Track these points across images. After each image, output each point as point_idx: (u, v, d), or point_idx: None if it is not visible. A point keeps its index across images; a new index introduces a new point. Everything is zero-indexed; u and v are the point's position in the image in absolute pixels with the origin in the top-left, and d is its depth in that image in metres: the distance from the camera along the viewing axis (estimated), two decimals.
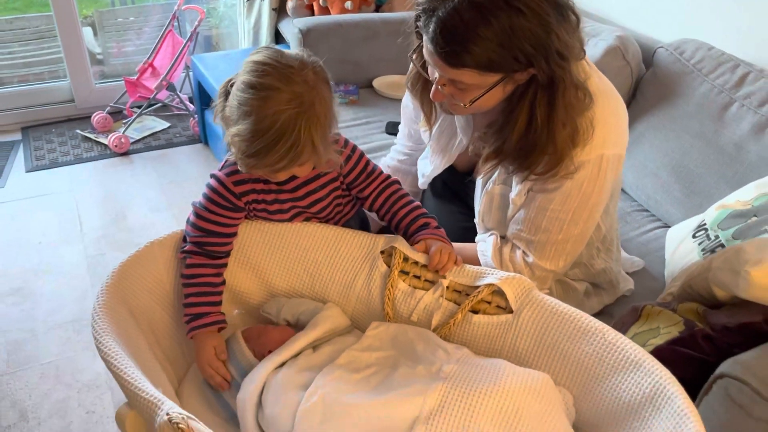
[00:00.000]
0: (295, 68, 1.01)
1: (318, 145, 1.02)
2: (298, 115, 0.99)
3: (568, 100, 1.05)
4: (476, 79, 1.05)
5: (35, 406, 1.72)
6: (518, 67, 1.02)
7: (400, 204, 1.24)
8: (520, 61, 1.01)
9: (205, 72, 2.65)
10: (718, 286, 1.07)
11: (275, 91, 0.99)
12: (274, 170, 1.05)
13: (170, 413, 0.80)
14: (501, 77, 1.05)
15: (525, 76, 1.05)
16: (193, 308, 1.14)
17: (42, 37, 3.40)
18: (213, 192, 1.15)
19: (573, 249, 1.23)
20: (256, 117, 0.99)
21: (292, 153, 1.00)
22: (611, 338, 0.98)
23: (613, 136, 1.13)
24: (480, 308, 1.10)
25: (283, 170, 1.06)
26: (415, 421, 0.91)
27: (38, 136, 3.07)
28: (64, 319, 2.01)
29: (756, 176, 1.47)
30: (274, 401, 1.00)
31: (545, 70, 1.01)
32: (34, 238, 2.39)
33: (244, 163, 1.04)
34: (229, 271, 1.22)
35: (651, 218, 1.74)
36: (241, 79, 1.03)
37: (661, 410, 0.87)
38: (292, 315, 1.19)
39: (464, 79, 1.05)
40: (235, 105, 1.02)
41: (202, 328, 1.13)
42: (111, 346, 0.92)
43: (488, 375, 0.95)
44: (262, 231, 1.22)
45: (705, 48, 1.73)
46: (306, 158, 1.04)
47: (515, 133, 1.10)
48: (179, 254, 1.18)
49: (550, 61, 1.00)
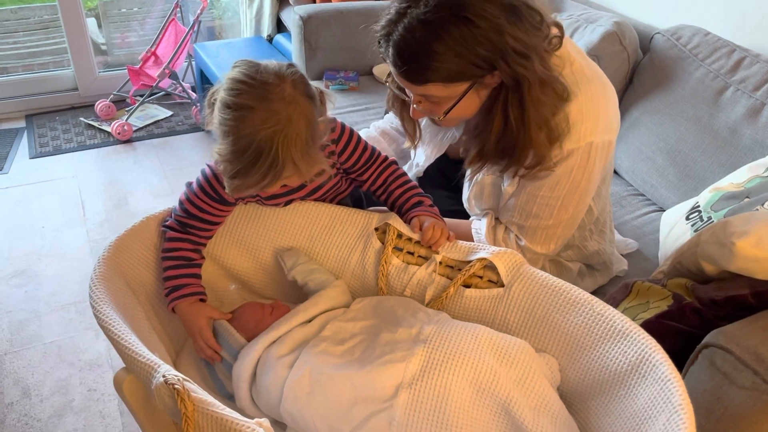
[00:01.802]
0: (271, 84, 0.98)
1: (299, 161, 0.99)
2: (275, 133, 0.96)
3: (536, 96, 1.06)
4: (444, 91, 1.07)
5: (37, 383, 1.74)
6: (481, 72, 1.04)
7: (397, 183, 1.25)
8: (481, 67, 1.03)
9: (207, 60, 2.67)
10: (705, 260, 1.09)
11: (250, 111, 0.97)
12: (259, 189, 1.03)
13: (166, 375, 0.82)
14: (469, 85, 1.07)
15: (494, 79, 1.07)
16: (173, 281, 1.15)
17: (47, 27, 3.42)
18: (205, 181, 1.15)
19: (564, 233, 1.25)
20: (234, 137, 0.97)
21: (273, 172, 0.98)
22: (599, 309, 0.99)
23: (602, 123, 1.14)
24: (472, 282, 1.12)
25: (268, 186, 1.03)
26: (399, 387, 0.93)
27: (42, 124, 3.10)
28: (67, 300, 2.03)
29: (749, 159, 1.48)
30: (266, 375, 1.02)
31: (507, 71, 1.03)
32: (37, 222, 2.42)
33: (230, 186, 1.02)
34: (223, 249, 1.24)
35: (646, 202, 1.75)
36: (219, 97, 1.01)
37: (646, 377, 0.89)
38: (302, 277, 1.19)
39: (433, 93, 1.08)
40: (216, 124, 1.01)
41: (182, 298, 1.14)
42: (108, 313, 0.95)
43: (466, 339, 0.98)
44: (256, 210, 1.24)
45: (701, 33, 1.74)
46: (289, 174, 1.01)
47: (493, 135, 1.12)
48: (160, 227, 1.19)
49: (509, 61, 1.02)
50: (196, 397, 0.80)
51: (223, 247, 1.24)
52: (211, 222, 1.19)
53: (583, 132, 1.12)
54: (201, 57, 2.73)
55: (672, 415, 0.81)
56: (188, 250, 1.18)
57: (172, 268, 1.16)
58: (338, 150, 1.20)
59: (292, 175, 1.03)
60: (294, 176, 1.04)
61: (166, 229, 1.18)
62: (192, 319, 1.14)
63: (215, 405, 0.80)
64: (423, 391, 0.93)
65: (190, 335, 1.15)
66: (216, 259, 1.24)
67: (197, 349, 1.14)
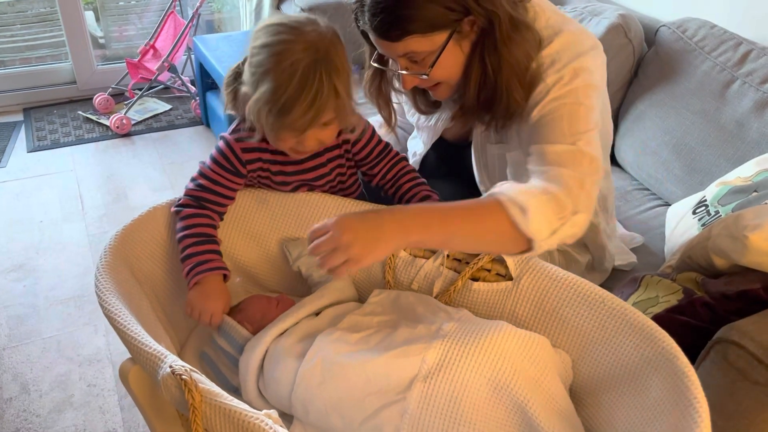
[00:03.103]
0: (305, 23, 1.03)
1: (342, 93, 1.01)
2: (316, 62, 0.99)
3: (507, 35, 1.05)
4: (424, 44, 1.06)
5: (36, 379, 1.73)
6: (456, 16, 1.03)
7: (407, 178, 1.25)
8: (454, 9, 1.02)
9: (206, 53, 2.65)
10: (717, 254, 1.08)
11: (289, 44, 0.99)
12: (300, 130, 1.04)
13: (174, 366, 0.80)
14: (448, 35, 1.06)
15: (470, 27, 1.06)
16: (196, 257, 1.11)
17: (44, 20, 3.39)
18: (219, 153, 1.16)
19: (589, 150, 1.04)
20: (275, 73, 0.99)
21: (317, 103, 0.99)
22: (611, 304, 0.98)
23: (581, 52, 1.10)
24: (480, 276, 1.10)
25: (309, 127, 1.03)
26: (414, 380, 0.92)
27: (40, 117, 3.08)
28: (66, 295, 2.02)
29: (757, 153, 1.47)
30: (274, 366, 1.01)
31: (479, 10, 1.02)
32: (36, 216, 2.40)
33: (271, 129, 1.04)
34: (230, 239, 1.23)
35: (651, 196, 1.74)
36: (253, 45, 1.03)
37: (660, 371, 0.88)
38: (306, 268, 1.18)
39: (413, 47, 1.07)
40: (251, 72, 1.03)
41: (207, 272, 1.10)
42: (114, 303, 0.93)
43: (487, 335, 0.96)
44: (263, 200, 1.23)
45: (708, 26, 1.73)
46: (331, 109, 1.03)
47: (472, 86, 1.11)
48: (172, 209, 1.17)
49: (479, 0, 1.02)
50: (203, 388, 0.78)
51: (230, 236, 1.23)
52: (225, 196, 1.18)
53: (562, 61, 1.08)
54: (200, 50, 2.70)
55: (686, 409, 0.80)
56: (207, 226, 1.15)
57: (193, 245, 1.13)
58: (353, 139, 1.21)
59: (333, 115, 1.04)
60: (334, 120, 1.06)
61: (179, 209, 1.16)
62: (213, 296, 1.10)
63: (223, 396, 0.78)
64: (438, 385, 0.91)
65: (201, 309, 1.10)
66: (223, 249, 1.23)
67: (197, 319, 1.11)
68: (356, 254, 0.90)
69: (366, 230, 0.92)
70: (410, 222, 0.95)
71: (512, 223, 0.96)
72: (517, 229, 0.96)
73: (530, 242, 0.98)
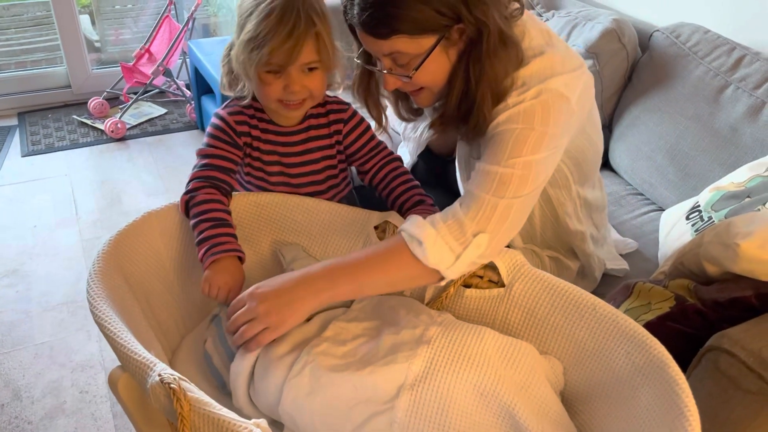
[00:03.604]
0: None
1: (321, 32, 1.07)
2: (295, 1, 1.05)
3: (494, 48, 1.04)
4: (411, 46, 1.05)
5: (29, 385, 1.72)
6: (446, 21, 1.03)
7: (399, 181, 1.25)
8: (445, 15, 1.02)
9: (202, 58, 2.65)
10: (708, 261, 1.07)
11: None
12: (282, 65, 1.07)
13: (162, 374, 0.80)
14: (436, 39, 1.05)
15: (459, 35, 1.06)
16: (213, 239, 1.11)
17: (39, 24, 3.39)
18: (215, 128, 1.20)
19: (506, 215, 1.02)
20: (256, 13, 1.06)
21: (295, 34, 1.04)
22: (603, 311, 0.98)
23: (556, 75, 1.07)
24: (472, 282, 1.10)
25: (290, 62, 1.07)
26: (401, 389, 0.91)
27: (34, 122, 3.07)
28: (59, 300, 2.01)
29: (750, 158, 1.47)
30: (264, 374, 1.00)
31: (469, 18, 1.02)
32: (29, 221, 2.39)
33: (255, 72, 1.09)
34: None
35: (645, 201, 1.74)
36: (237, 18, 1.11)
37: (651, 379, 0.87)
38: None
39: (400, 47, 1.06)
40: (237, 23, 1.10)
41: (223, 253, 1.10)
42: (105, 311, 0.92)
43: (470, 342, 0.95)
44: (257, 204, 1.22)
45: (701, 31, 1.73)
46: (311, 48, 1.07)
47: (454, 95, 1.11)
48: (182, 198, 1.17)
49: (471, 6, 1.01)
50: (192, 396, 0.78)
51: None
52: (229, 170, 1.19)
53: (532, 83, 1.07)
54: (195, 54, 2.70)
55: (678, 417, 0.79)
56: (221, 211, 1.15)
57: (208, 228, 1.12)
58: (345, 131, 1.23)
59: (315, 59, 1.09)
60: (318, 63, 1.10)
61: (191, 195, 1.15)
62: (230, 272, 1.10)
63: (211, 405, 0.78)
64: (425, 393, 0.91)
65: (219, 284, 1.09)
66: None
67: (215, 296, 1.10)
68: (274, 322, 0.97)
69: (279, 297, 0.98)
70: (318, 282, 1.00)
71: (415, 259, 1.01)
72: (421, 263, 1.00)
73: (437, 272, 1.02)
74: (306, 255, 1.20)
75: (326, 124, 1.24)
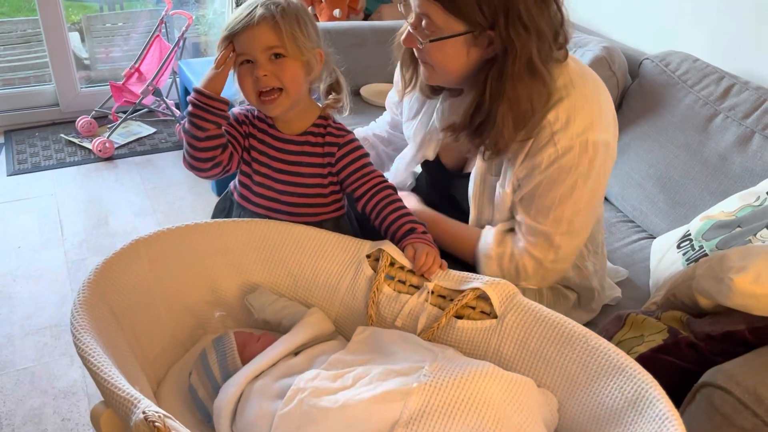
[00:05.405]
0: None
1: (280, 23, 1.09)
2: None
3: (518, 72, 1.06)
4: (442, 19, 1.08)
5: (9, 412, 1.68)
6: (481, 21, 1.05)
7: (391, 208, 1.23)
8: (484, 14, 1.04)
9: (192, 78, 2.64)
10: (701, 294, 1.07)
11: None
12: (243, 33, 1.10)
13: (146, 411, 0.78)
14: (464, 29, 1.07)
15: (488, 45, 1.08)
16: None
17: (28, 41, 3.37)
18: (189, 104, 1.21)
19: (563, 242, 1.18)
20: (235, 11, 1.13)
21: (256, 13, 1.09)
22: (594, 343, 0.97)
23: (596, 120, 1.11)
24: (464, 313, 1.09)
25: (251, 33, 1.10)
26: (395, 425, 0.89)
27: (21, 140, 3.04)
28: (42, 324, 1.97)
29: (740, 188, 1.48)
30: (250, 410, 0.98)
31: (503, 33, 1.04)
32: (13, 241, 2.35)
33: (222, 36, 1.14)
34: (213, 268, 1.21)
35: (636, 229, 1.74)
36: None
37: (643, 414, 0.86)
38: (274, 316, 1.17)
39: (431, 14, 1.08)
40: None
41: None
42: (88, 343, 0.90)
43: (471, 380, 0.93)
44: (247, 230, 1.21)
45: (690, 60, 1.75)
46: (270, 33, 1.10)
47: (468, 106, 1.14)
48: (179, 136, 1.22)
49: (509, 23, 1.03)
50: None
51: (214, 265, 1.21)
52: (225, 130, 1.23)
53: (576, 129, 1.10)
54: (185, 74, 2.69)
55: None
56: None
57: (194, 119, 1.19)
58: (338, 155, 1.23)
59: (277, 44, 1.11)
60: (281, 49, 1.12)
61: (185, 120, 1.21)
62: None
63: None
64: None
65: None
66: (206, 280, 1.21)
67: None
68: None
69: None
70: None
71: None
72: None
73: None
74: (275, 298, 1.20)
75: (321, 144, 1.24)
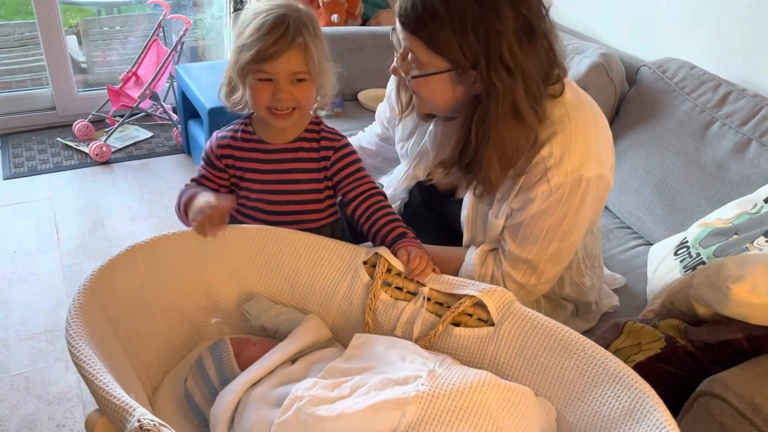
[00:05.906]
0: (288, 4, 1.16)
1: (310, 45, 1.12)
2: (288, 14, 1.12)
3: (501, 116, 1.06)
4: (425, 56, 1.08)
5: (4, 418, 1.66)
6: (462, 61, 1.04)
7: (381, 213, 1.23)
8: (465, 55, 1.03)
9: (189, 82, 2.63)
10: (699, 303, 1.07)
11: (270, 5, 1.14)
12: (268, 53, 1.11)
13: (141, 420, 0.77)
14: (447, 67, 1.07)
15: (473, 83, 1.08)
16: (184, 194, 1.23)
17: (25, 45, 3.36)
18: (203, 151, 1.29)
19: (546, 269, 1.20)
20: (254, 22, 1.12)
21: (286, 38, 1.10)
22: (591, 351, 0.96)
23: (592, 155, 1.11)
24: (461, 321, 1.08)
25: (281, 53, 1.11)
26: None
27: (17, 144, 3.03)
28: (37, 329, 1.96)
29: (737, 195, 1.48)
30: (248, 417, 0.97)
31: (484, 75, 1.03)
32: (9, 246, 2.34)
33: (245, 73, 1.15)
34: (209, 274, 1.20)
35: (633, 235, 1.74)
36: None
37: (641, 423, 0.86)
38: (270, 324, 1.16)
39: (415, 50, 1.09)
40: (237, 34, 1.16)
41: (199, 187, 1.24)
42: (83, 350, 0.89)
43: (469, 389, 0.93)
44: (245, 237, 1.20)
45: (687, 67, 1.75)
46: (300, 58, 1.12)
47: (454, 144, 1.15)
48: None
49: (491, 67, 1.02)
50: None
51: (211, 271, 1.20)
52: (216, 183, 1.29)
53: (570, 165, 1.09)
54: (183, 79, 2.69)
55: None
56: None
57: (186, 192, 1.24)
58: (334, 158, 1.24)
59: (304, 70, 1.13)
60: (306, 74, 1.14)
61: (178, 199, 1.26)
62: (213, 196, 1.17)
63: None
64: None
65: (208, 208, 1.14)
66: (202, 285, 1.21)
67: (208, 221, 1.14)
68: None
69: None
70: None
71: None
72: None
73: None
74: (271, 305, 1.19)
75: (317, 148, 1.25)
